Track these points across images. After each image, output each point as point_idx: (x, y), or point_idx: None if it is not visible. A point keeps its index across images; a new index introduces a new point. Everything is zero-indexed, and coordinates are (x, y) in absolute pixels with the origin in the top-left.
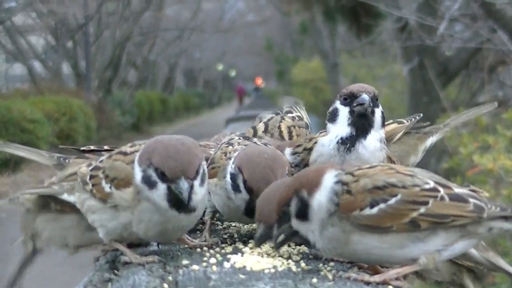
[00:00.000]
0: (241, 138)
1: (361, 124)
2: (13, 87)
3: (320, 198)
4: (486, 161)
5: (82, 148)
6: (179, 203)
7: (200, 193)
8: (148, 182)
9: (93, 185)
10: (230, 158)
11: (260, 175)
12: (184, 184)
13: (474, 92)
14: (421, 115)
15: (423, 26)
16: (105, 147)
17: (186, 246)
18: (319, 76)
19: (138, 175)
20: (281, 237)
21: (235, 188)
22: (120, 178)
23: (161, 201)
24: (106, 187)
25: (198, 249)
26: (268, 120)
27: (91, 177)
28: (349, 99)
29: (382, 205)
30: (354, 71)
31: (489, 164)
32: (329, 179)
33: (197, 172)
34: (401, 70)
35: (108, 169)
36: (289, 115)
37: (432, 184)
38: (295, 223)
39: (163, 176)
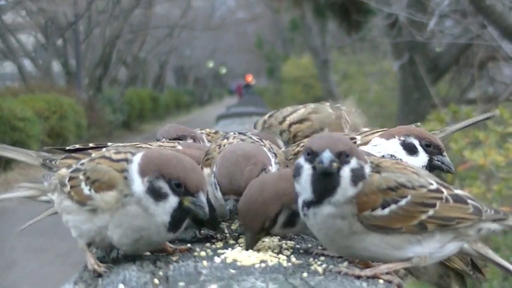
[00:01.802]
0: (238, 132)
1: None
2: (3, 85)
3: (355, 165)
4: (477, 157)
5: (67, 148)
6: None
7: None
8: (156, 194)
9: (71, 187)
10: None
11: (226, 171)
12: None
13: (465, 88)
14: (419, 124)
15: (413, 22)
16: (90, 145)
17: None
18: (309, 73)
19: (139, 185)
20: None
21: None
22: (102, 180)
23: (162, 215)
24: (85, 189)
25: (188, 244)
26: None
27: (70, 178)
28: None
29: (393, 206)
30: (344, 67)
31: (480, 159)
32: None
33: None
34: (392, 67)
35: (90, 171)
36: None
37: (435, 185)
38: (279, 230)
39: (179, 189)
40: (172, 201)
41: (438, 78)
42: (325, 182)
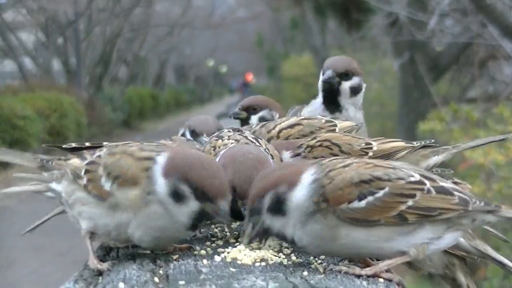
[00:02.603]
0: (231, 130)
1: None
2: (3, 83)
3: (299, 195)
4: (477, 156)
5: (64, 146)
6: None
7: None
8: (177, 197)
9: (88, 180)
10: (217, 154)
11: (245, 174)
12: (225, 206)
13: (465, 87)
14: (433, 140)
15: (414, 21)
16: (87, 144)
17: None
18: (310, 72)
19: (161, 186)
20: (250, 227)
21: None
22: (125, 178)
23: (183, 218)
24: (106, 185)
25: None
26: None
27: (87, 171)
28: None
29: (370, 198)
30: None
31: (480, 158)
32: (307, 178)
33: None
34: (392, 66)
35: (111, 166)
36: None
37: (417, 177)
38: (266, 218)
39: (200, 195)
40: (193, 205)
41: (439, 77)
42: None
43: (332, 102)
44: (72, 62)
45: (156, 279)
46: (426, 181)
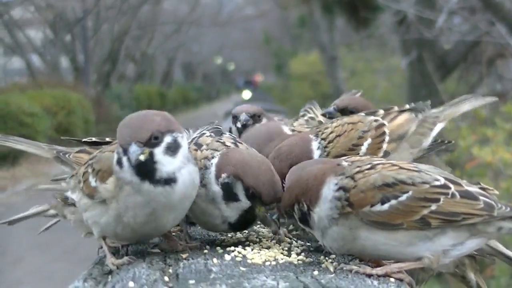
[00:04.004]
0: (207, 134)
1: None
2: (11, 81)
3: (320, 212)
4: (485, 154)
5: (83, 140)
6: (141, 171)
7: (171, 164)
8: (117, 160)
9: (84, 182)
10: (206, 166)
11: (266, 179)
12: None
13: (473, 85)
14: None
15: (422, 19)
16: (107, 139)
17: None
18: (317, 70)
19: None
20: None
21: (229, 197)
22: (103, 170)
23: (127, 175)
24: (92, 182)
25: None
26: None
27: (83, 173)
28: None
29: (393, 202)
30: (352, 64)
31: (488, 157)
32: (329, 189)
33: (155, 138)
34: (400, 64)
35: (95, 162)
36: (303, 119)
37: (442, 181)
38: (300, 225)
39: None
40: (123, 160)
41: (446, 75)
42: None
43: None
44: (80, 60)
45: (166, 278)
46: (451, 185)
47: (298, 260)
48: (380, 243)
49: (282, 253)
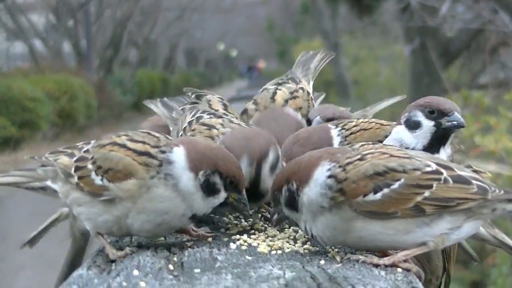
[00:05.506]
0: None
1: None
2: (14, 65)
3: (310, 194)
4: (488, 143)
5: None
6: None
7: None
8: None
9: (79, 178)
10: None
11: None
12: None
13: (476, 73)
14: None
15: (425, 7)
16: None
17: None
18: None
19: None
20: (276, 216)
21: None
22: (116, 169)
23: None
24: (97, 180)
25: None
26: (257, 96)
27: (77, 168)
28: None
29: (385, 190)
30: (355, 51)
31: (491, 145)
32: (321, 173)
33: None
34: (403, 51)
35: (100, 159)
36: (287, 85)
37: (434, 167)
38: (285, 210)
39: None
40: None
41: (449, 63)
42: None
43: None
44: (83, 45)
45: (171, 267)
46: (443, 171)
47: (304, 249)
48: (376, 232)
49: (288, 242)
